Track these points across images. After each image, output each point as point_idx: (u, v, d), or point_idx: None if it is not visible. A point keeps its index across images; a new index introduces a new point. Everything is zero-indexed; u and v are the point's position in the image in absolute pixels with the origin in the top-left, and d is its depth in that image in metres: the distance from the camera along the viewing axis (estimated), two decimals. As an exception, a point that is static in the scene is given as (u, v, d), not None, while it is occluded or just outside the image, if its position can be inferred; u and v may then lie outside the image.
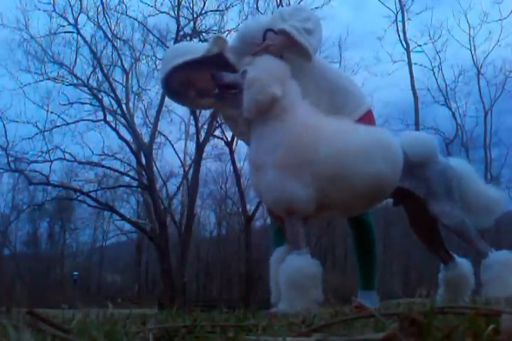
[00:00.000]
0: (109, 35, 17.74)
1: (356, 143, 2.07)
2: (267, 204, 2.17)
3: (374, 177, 2.03)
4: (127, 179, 18.84)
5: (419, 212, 2.25)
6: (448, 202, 2.12)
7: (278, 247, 2.24)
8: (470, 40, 21.06)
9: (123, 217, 18.02)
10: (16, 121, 17.12)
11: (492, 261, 2.06)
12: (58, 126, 17.29)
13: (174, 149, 20.17)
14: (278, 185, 1.98)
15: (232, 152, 17.66)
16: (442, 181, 2.13)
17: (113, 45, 17.94)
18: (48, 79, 17.39)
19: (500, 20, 20.43)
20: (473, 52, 20.87)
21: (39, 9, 16.95)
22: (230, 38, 2.45)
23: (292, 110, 2.08)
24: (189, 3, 17.44)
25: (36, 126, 17.03)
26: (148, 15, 17.67)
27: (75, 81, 17.46)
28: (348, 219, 2.66)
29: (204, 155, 18.32)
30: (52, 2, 16.84)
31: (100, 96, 17.57)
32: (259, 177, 2.06)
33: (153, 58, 18.57)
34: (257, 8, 17.24)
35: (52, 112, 17.45)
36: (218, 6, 17.49)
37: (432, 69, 20.82)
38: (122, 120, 17.46)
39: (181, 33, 17.49)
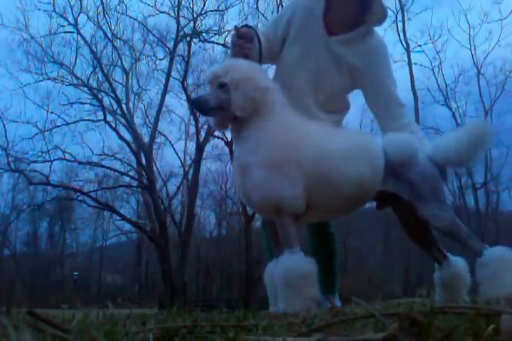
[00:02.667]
0: (109, 35, 17.78)
1: (340, 145, 2.09)
2: (254, 205, 2.10)
3: (357, 180, 2.04)
4: (127, 179, 18.86)
5: (408, 214, 2.25)
6: (436, 204, 2.11)
7: (269, 252, 2.25)
8: (470, 40, 21.14)
9: (123, 217, 18.03)
10: (16, 121, 17.17)
11: (487, 259, 2.05)
12: (58, 126, 17.33)
13: (174, 149, 20.20)
14: (264, 183, 1.96)
15: (232, 152, 17.64)
16: (426, 182, 2.12)
17: (113, 45, 17.96)
18: (48, 79, 17.42)
19: (500, 20, 20.44)
20: (473, 52, 20.89)
21: (39, 9, 17.02)
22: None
23: (275, 110, 2.08)
24: (189, 3, 17.48)
25: (36, 126, 17.08)
26: (148, 15, 17.75)
27: (75, 81, 17.49)
28: (311, 230, 2.74)
29: (204, 155, 18.36)
30: (52, 2, 16.90)
31: (100, 96, 17.59)
32: (244, 179, 2.04)
33: (153, 58, 18.63)
34: (257, 8, 17.28)
35: (52, 112, 17.49)
36: (218, 6, 17.54)
37: (432, 69, 20.84)
38: (122, 120, 17.48)
39: (181, 33, 17.50)
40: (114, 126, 17.51)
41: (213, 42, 17.92)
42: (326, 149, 2.06)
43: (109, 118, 17.55)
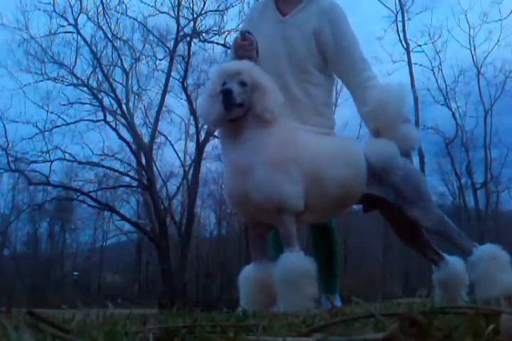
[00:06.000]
0: (109, 35, 17.76)
1: (328, 149, 2.18)
2: (254, 204, 2.06)
3: (342, 181, 2.10)
4: (127, 179, 18.85)
5: (396, 217, 2.28)
6: (422, 205, 2.15)
7: (276, 253, 2.27)
8: (470, 40, 21.07)
9: (123, 217, 18.01)
10: (16, 121, 17.10)
11: (477, 258, 2.05)
12: (58, 126, 17.28)
13: (174, 149, 20.17)
14: (268, 182, 1.99)
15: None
16: (410, 185, 2.16)
17: (113, 45, 17.94)
18: (48, 79, 17.38)
19: (500, 20, 20.43)
20: (473, 52, 20.88)
21: (39, 9, 16.96)
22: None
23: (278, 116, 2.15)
24: (189, 3, 17.46)
25: (36, 126, 17.03)
26: (148, 15, 17.71)
27: (75, 81, 17.46)
28: (313, 226, 2.78)
29: (204, 155, 18.32)
30: (52, 2, 16.87)
31: (100, 97, 17.56)
32: (244, 179, 2.04)
33: (153, 58, 18.62)
34: (257, 8, 17.23)
35: (52, 112, 17.44)
36: (218, 6, 17.51)
37: (432, 69, 20.84)
38: (122, 120, 17.45)
39: (181, 33, 17.49)
40: (114, 126, 17.50)
41: (213, 42, 17.91)
42: (318, 151, 2.13)
43: (109, 118, 17.55)
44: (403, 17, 19.27)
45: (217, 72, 2.20)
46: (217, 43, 17.78)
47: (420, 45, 20.20)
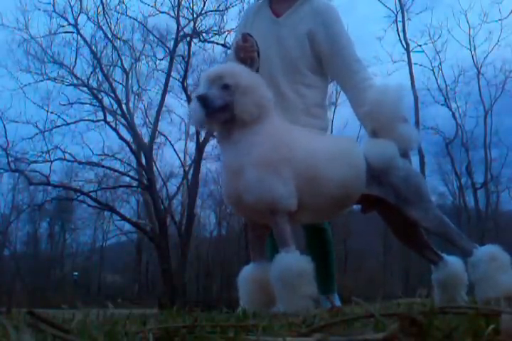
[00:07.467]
0: (109, 35, 17.77)
1: (325, 148, 2.15)
2: (247, 205, 2.06)
3: (340, 181, 2.09)
4: (127, 179, 18.85)
5: (395, 217, 2.27)
6: (422, 205, 2.14)
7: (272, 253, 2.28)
8: (470, 40, 21.10)
9: (123, 217, 18.01)
10: (16, 121, 17.12)
11: (477, 260, 2.04)
12: (58, 126, 17.29)
13: (174, 149, 20.16)
14: (259, 182, 1.98)
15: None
16: (410, 185, 2.15)
17: (113, 45, 17.95)
18: (48, 79, 17.39)
19: (500, 20, 20.45)
20: (473, 52, 20.91)
21: (39, 9, 16.98)
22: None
23: (268, 116, 2.13)
24: (189, 3, 17.47)
25: (36, 126, 17.04)
26: (148, 16, 17.72)
27: (75, 81, 17.46)
28: (306, 227, 2.78)
29: (204, 155, 18.31)
30: (52, 2, 16.88)
31: (100, 97, 17.57)
32: (237, 180, 2.04)
33: (153, 58, 18.63)
34: (257, 8, 17.24)
35: (52, 112, 17.45)
36: (218, 6, 17.52)
37: (432, 69, 20.86)
38: (122, 120, 17.46)
39: (181, 33, 17.50)
40: (114, 126, 17.51)
41: (213, 42, 17.92)
42: (312, 150, 2.11)
43: (109, 118, 17.55)
44: (403, 17, 19.30)
45: (202, 78, 2.20)
46: (217, 43, 17.80)
47: (420, 45, 20.26)
